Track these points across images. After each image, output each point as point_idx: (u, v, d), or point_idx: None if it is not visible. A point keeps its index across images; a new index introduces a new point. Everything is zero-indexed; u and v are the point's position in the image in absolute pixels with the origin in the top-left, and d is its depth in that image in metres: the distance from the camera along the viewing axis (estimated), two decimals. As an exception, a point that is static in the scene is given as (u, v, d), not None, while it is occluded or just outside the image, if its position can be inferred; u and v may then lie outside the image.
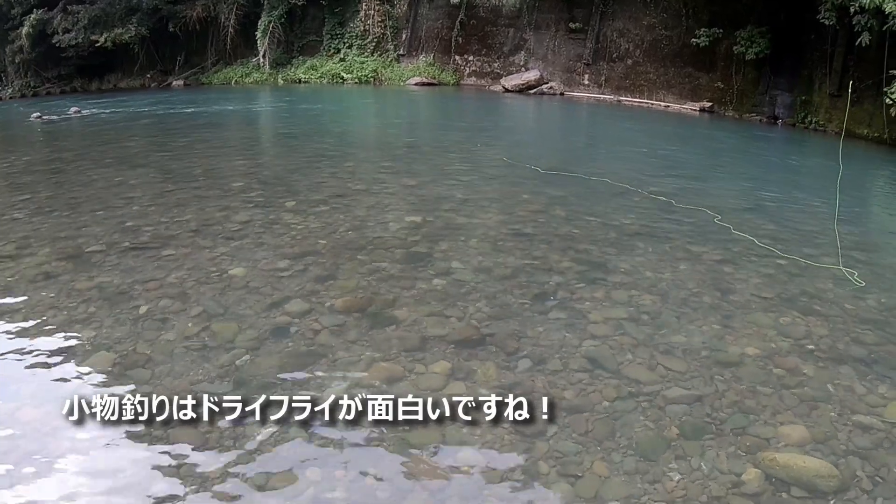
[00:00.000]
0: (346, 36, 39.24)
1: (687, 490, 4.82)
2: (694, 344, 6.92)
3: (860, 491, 4.89)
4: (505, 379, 6.08)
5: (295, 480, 4.74)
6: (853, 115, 25.20)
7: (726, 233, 10.70)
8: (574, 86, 34.88)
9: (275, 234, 9.49)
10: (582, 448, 5.22)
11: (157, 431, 5.15)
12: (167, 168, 14.12)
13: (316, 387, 5.82)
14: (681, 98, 31.69)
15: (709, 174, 17.10)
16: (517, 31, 36.47)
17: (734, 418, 5.69)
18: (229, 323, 6.88)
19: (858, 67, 25.29)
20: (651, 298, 7.96)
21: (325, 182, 12.82)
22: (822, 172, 19.18)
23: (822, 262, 9.41)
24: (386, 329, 6.86)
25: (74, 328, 6.80)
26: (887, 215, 14.68)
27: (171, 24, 40.12)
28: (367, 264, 8.49)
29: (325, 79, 37.56)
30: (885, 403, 6.04)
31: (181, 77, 41.58)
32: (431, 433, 5.25)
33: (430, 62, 37.72)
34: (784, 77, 28.67)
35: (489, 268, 8.56)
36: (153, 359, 6.19)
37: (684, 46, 31.24)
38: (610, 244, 9.77)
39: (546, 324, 7.14)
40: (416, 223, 10.23)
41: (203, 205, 10.84)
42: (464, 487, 4.75)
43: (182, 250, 8.84)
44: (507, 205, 11.66)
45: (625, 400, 5.88)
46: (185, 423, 5.19)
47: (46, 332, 6.76)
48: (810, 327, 7.44)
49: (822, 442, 5.43)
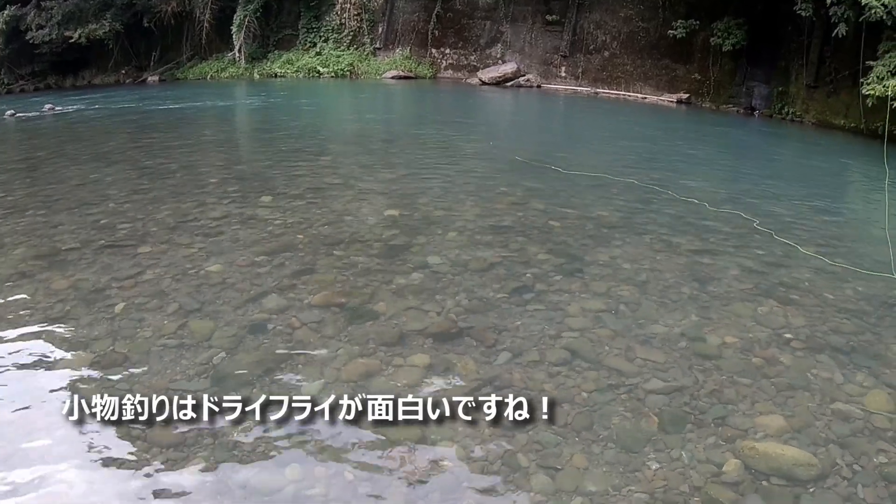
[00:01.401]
0: (322, 29, 39.07)
1: (667, 480, 4.83)
2: (673, 335, 6.95)
3: (840, 479, 4.93)
4: (483, 372, 6.08)
5: (275, 478, 4.71)
6: (830, 105, 25.37)
7: (703, 224, 10.75)
8: (551, 78, 34.90)
9: (251, 230, 9.44)
10: (562, 440, 5.22)
11: (135, 432, 5.11)
12: (143, 164, 14.04)
13: (294, 383, 5.79)
14: (658, 90, 31.76)
15: (685, 165, 17.13)
16: (494, 24, 36.44)
17: (714, 409, 5.72)
18: (206, 320, 6.84)
19: (835, 58, 25.42)
20: (629, 290, 7.97)
21: (301, 177, 12.77)
22: (801, 162, 19.33)
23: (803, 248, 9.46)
24: (364, 324, 6.84)
25: (51, 328, 6.74)
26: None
27: (145, 19, 39.75)
28: (345, 259, 8.47)
29: (301, 73, 37.42)
30: (864, 392, 6.08)
31: (156, 72, 41.29)
32: (411, 428, 5.25)
33: (406, 55, 37.63)
34: (761, 68, 28.78)
35: (467, 261, 8.55)
36: (130, 358, 6.15)
37: (661, 38, 31.30)
38: (588, 236, 9.78)
39: (524, 316, 7.14)
40: (394, 217, 10.22)
41: (179, 201, 10.77)
42: (444, 482, 4.74)
43: (158, 247, 8.78)
44: (485, 198, 11.65)
45: (604, 391, 5.88)
46: (163, 423, 5.18)
47: (22, 332, 6.69)
48: (789, 317, 7.48)
49: (801, 431, 5.45)
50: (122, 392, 5.58)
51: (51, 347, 6.37)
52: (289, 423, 5.23)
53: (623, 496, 4.68)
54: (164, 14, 39.13)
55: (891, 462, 5.14)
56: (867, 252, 10.01)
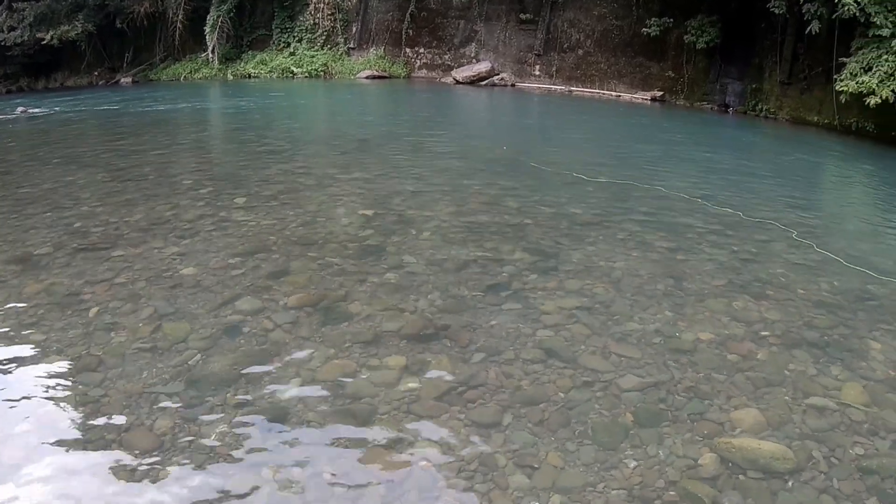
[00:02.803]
0: (296, 30, 39.00)
1: (644, 476, 4.84)
2: (648, 331, 6.97)
3: (816, 472, 4.96)
4: (459, 371, 6.08)
5: (252, 480, 4.69)
6: (803, 102, 25.59)
7: (676, 221, 10.80)
8: (525, 77, 35.02)
9: (225, 232, 9.40)
10: (538, 439, 5.23)
11: (110, 435, 5.09)
12: (116, 167, 13.94)
13: (270, 385, 5.77)
14: (632, 87, 31.93)
15: (661, 162, 17.21)
16: (468, 23, 36.52)
17: (690, 404, 5.74)
18: (181, 323, 6.80)
19: (808, 55, 25.70)
20: (604, 287, 8.00)
21: (275, 178, 12.72)
22: (777, 157, 19.46)
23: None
24: (339, 325, 6.83)
25: (24, 333, 6.67)
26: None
27: (118, 20, 39.48)
28: (319, 260, 8.45)
29: (274, 73, 37.31)
30: (840, 386, 6.13)
31: (129, 74, 41.03)
32: (388, 428, 5.25)
33: (380, 55, 37.64)
34: (735, 66, 29.02)
35: (442, 260, 8.55)
36: (105, 362, 6.10)
37: (635, 36, 31.49)
38: (562, 234, 9.80)
39: (499, 315, 7.15)
40: (368, 217, 10.19)
41: (152, 203, 10.70)
42: (421, 481, 4.74)
43: (132, 250, 8.72)
44: (459, 197, 11.65)
45: (580, 389, 5.89)
46: (139, 426, 5.16)
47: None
48: (763, 312, 7.53)
49: (777, 425, 5.50)
50: (98, 397, 5.57)
51: (24, 353, 6.30)
52: (265, 425, 5.23)
53: (600, 493, 4.68)
54: (136, 15, 38.89)
55: (867, 454, 5.18)
56: (842, 246, 10.08)
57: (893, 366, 6.57)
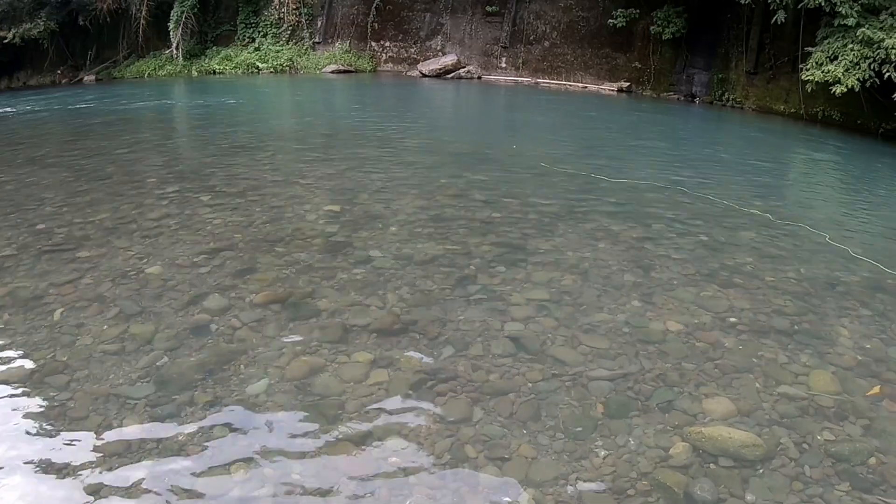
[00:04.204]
0: (261, 25, 38.73)
1: (615, 466, 4.87)
2: (617, 322, 7.00)
3: (787, 459, 5.00)
4: (428, 365, 6.08)
5: (222, 480, 4.66)
6: (770, 91, 25.80)
7: (644, 210, 10.85)
8: (492, 69, 35.03)
9: (191, 230, 9.32)
10: (508, 431, 5.23)
11: (77, 438, 5.05)
12: (80, 166, 13.78)
13: (238, 384, 5.74)
14: (598, 79, 32.03)
15: (627, 153, 17.28)
16: (434, 16, 36.46)
17: (660, 394, 5.77)
18: (147, 323, 6.74)
19: (774, 45, 25.94)
20: (572, 278, 8.02)
21: (241, 174, 12.63)
22: (744, 145, 19.59)
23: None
24: (306, 321, 6.80)
25: (-13, 337, 6.61)
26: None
27: (81, 18, 38.92)
28: (286, 256, 8.40)
29: (239, 69, 37.03)
30: (808, 373, 6.18)
31: (92, 72, 40.53)
32: (357, 425, 5.23)
33: (346, 49, 37.48)
34: (701, 56, 29.23)
35: (409, 255, 8.54)
36: (71, 364, 6.03)
37: (601, 27, 31.59)
38: (530, 226, 9.82)
39: (468, 308, 7.15)
40: (335, 212, 10.15)
41: (117, 203, 10.60)
42: (392, 477, 4.73)
43: (97, 251, 8.63)
44: (426, 190, 11.63)
45: (549, 381, 5.91)
46: (107, 428, 5.11)
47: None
48: (732, 301, 7.56)
49: (747, 413, 5.54)
50: (64, 400, 5.52)
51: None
52: (233, 424, 5.20)
53: (571, 484, 4.69)
54: (99, 12, 38.36)
55: (836, 440, 5.24)
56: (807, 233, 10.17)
57: (862, 352, 6.65)
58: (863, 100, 21.56)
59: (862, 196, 14.43)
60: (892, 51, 19.55)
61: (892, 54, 19.54)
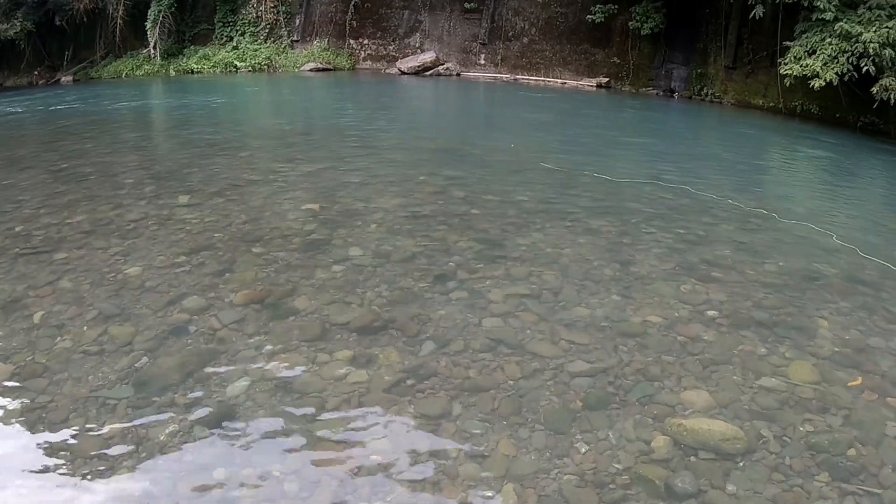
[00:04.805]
0: (239, 23, 38.51)
1: (596, 461, 4.89)
2: (596, 316, 7.03)
3: (767, 452, 5.04)
4: (408, 363, 6.08)
5: (203, 481, 4.65)
6: (748, 86, 25.93)
7: (623, 205, 10.89)
8: (470, 66, 35.01)
9: (169, 230, 9.28)
10: (489, 427, 5.25)
11: (58, 441, 5.03)
12: (58, 168, 13.69)
13: (218, 384, 5.73)
14: (577, 74, 32.06)
15: (607, 148, 17.32)
16: (412, 13, 36.40)
17: (640, 387, 5.80)
18: (126, 325, 6.71)
19: (752, 40, 26.07)
20: (552, 274, 8.04)
21: (219, 174, 12.59)
22: (722, 140, 19.67)
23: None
24: (286, 320, 6.79)
25: (-35, 341, 6.57)
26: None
27: (57, 18, 38.54)
28: (265, 255, 8.38)
29: (217, 68, 36.80)
30: (788, 364, 6.24)
31: (70, 72, 40.17)
32: (338, 423, 5.23)
33: (324, 47, 37.35)
34: (679, 51, 29.32)
35: (388, 252, 8.54)
36: (51, 367, 6.00)
37: (580, 23, 31.62)
38: (509, 222, 9.84)
39: (447, 305, 7.16)
40: (314, 210, 10.13)
41: (95, 204, 10.54)
42: (373, 475, 4.73)
43: (75, 252, 8.58)
44: (405, 188, 11.63)
45: (529, 376, 5.93)
46: (88, 430, 5.10)
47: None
48: (711, 294, 7.60)
49: (727, 405, 5.58)
50: (45, 403, 5.49)
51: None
52: (214, 424, 5.20)
53: (553, 479, 4.72)
54: (76, 12, 38.00)
55: (817, 431, 5.29)
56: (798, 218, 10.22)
57: (841, 343, 6.70)
58: (841, 94, 21.68)
59: (842, 189, 14.53)
60: (870, 45, 19.64)
61: (871, 48, 19.63)
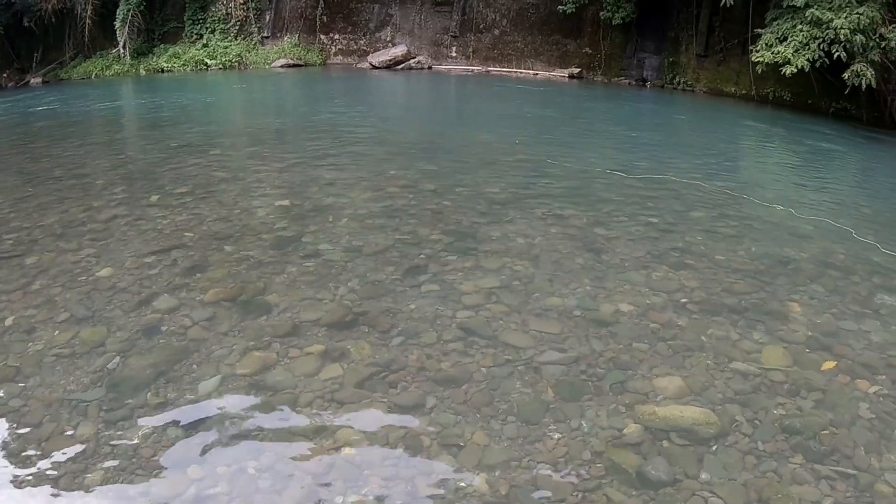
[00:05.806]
0: (209, 21, 38.36)
1: (569, 448, 4.93)
2: (568, 306, 7.07)
3: (741, 435, 5.10)
4: (380, 356, 6.10)
5: (177, 480, 4.66)
6: (720, 73, 26.09)
7: (594, 195, 10.94)
8: (442, 59, 35.05)
9: (140, 231, 9.24)
10: (461, 418, 5.28)
11: (32, 445, 5.02)
12: (27, 170, 13.62)
13: (190, 382, 5.73)
14: (549, 65, 32.15)
15: (578, 139, 17.38)
16: (382, 7, 36.39)
17: (612, 375, 5.85)
18: (98, 326, 6.70)
19: (724, 28, 26.27)
20: (523, 264, 8.08)
21: (190, 173, 12.55)
22: (696, 129, 19.76)
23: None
24: (258, 317, 6.79)
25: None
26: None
27: (25, 19, 38.21)
28: (236, 253, 8.38)
29: (188, 66, 36.60)
30: (760, 349, 6.30)
31: (39, 74, 39.83)
32: (311, 418, 5.25)
33: (295, 43, 37.29)
34: (651, 40, 29.48)
35: (359, 247, 8.55)
36: (23, 371, 5.98)
37: (551, 14, 31.66)
38: (480, 214, 9.86)
39: (418, 298, 7.19)
40: (285, 207, 10.14)
41: (66, 206, 10.49)
42: (346, 469, 4.75)
43: (46, 255, 8.54)
44: (376, 182, 11.65)
45: (501, 367, 5.96)
46: (61, 433, 5.10)
47: None
48: (682, 281, 7.66)
49: (700, 391, 5.63)
50: (17, 407, 5.48)
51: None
52: (187, 423, 5.20)
53: (525, 467, 4.76)
54: (44, 12, 37.71)
55: (789, 414, 5.36)
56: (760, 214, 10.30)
57: (813, 327, 6.78)
58: (813, 80, 21.88)
59: (815, 174, 14.65)
60: (841, 31, 19.79)
61: (842, 34, 19.78)
